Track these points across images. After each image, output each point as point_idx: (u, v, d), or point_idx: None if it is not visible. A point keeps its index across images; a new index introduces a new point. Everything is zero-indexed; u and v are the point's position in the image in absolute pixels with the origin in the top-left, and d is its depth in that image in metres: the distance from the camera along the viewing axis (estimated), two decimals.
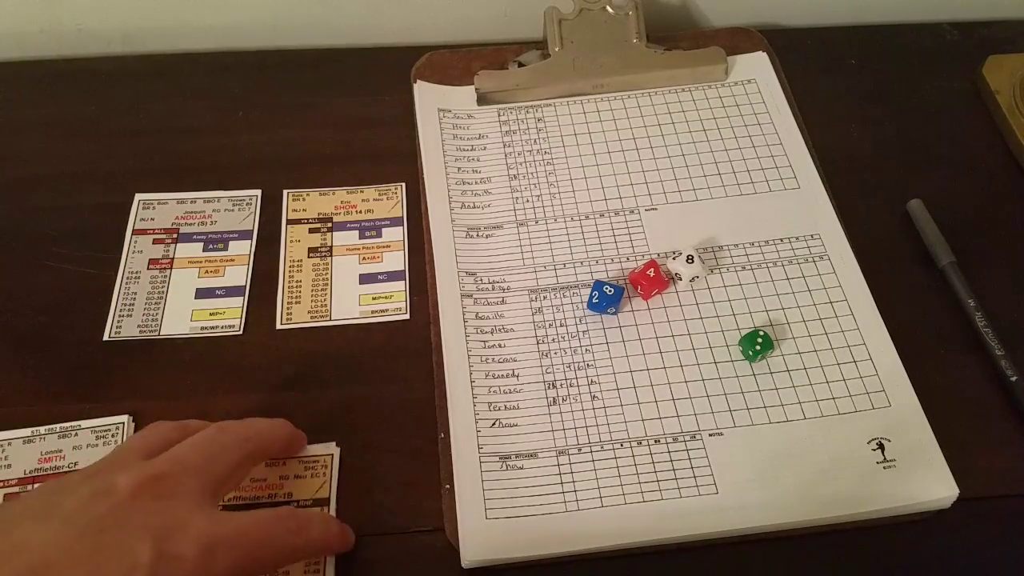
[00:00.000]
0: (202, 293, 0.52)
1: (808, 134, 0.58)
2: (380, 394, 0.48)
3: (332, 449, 0.46)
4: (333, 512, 0.44)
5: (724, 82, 0.61)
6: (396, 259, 0.53)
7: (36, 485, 0.44)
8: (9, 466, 0.45)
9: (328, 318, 0.51)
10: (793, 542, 0.44)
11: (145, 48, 0.65)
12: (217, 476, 0.38)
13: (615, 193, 0.55)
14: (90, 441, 0.46)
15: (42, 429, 0.46)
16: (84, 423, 0.46)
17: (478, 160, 0.57)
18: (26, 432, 0.46)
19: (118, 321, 0.51)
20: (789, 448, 0.45)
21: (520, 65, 0.61)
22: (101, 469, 0.37)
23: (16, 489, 0.44)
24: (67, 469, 0.45)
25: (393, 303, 0.52)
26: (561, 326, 0.50)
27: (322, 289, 0.52)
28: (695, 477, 0.45)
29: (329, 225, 0.55)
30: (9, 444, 0.46)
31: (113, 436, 0.46)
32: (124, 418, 0.46)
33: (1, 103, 0.61)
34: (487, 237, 0.54)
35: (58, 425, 0.46)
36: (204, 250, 0.54)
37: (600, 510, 0.44)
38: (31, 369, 0.49)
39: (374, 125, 0.60)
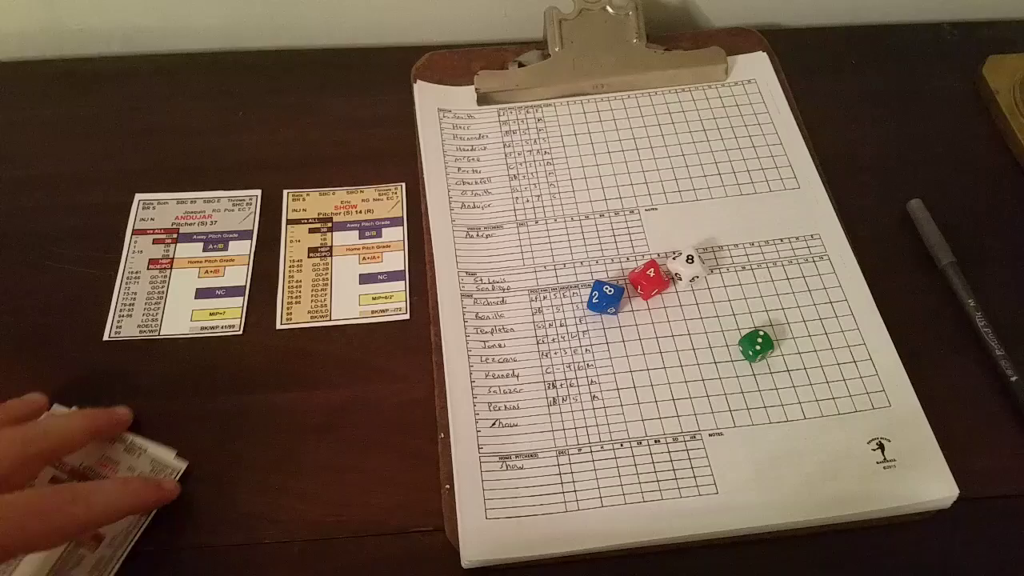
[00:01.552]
0: (202, 293, 0.52)
1: (808, 134, 0.58)
2: (380, 394, 0.48)
3: (180, 465, 0.46)
4: (147, 521, 0.44)
5: (724, 82, 0.61)
6: (396, 259, 0.53)
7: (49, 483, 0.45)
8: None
9: (328, 318, 0.51)
10: (793, 542, 0.44)
11: (145, 48, 0.65)
12: None
13: (615, 193, 0.55)
14: (144, 469, 0.45)
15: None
16: (150, 446, 0.46)
17: (478, 160, 0.57)
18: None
19: (118, 321, 0.51)
20: (789, 448, 0.45)
21: (520, 65, 0.61)
22: None
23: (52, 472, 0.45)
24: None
25: (393, 303, 0.52)
26: (561, 326, 0.50)
27: (322, 289, 0.52)
28: (695, 477, 0.45)
29: (329, 225, 0.55)
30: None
31: (170, 473, 0.45)
32: (182, 464, 0.46)
33: (1, 103, 0.61)
34: (487, 237, 0.54)
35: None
36: (204, 250, 0.54)
37: (600, 510, 0.44)
38: (31, 369, 0.49)
39: (374, 125, 0.60)
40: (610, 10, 0.62)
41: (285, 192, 0.56)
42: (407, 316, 0.51)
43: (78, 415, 0.45)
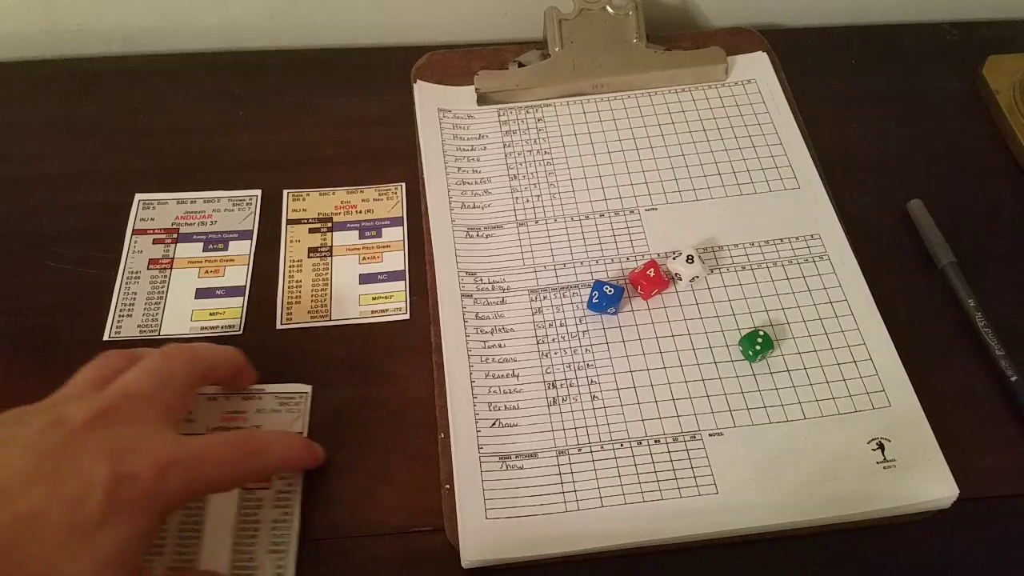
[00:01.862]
0: (202, 293, 0.52)
1: (808, 134, 0.58)
2: (380, 394, 0.48)
3: (305, 388, 0.47)
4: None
5: (724, 82, 0.61)
6: (396, 259, 0.53)
7: None
8: (192, 420, 0.46)
9: (328, 318, 0.51)
10: (793, 542, 0.44)
11: (145, 48, 0.65)
12: (168, 401, 0.40)
13: (615, 193, 0.55)
14: (273, 407, 0.46)
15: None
16: (268, 387, 0.47)
17: (478, 160, 0.57)
18: (210, 390, 0.47)
19: (118, 321, 0.51)
20: (789, 448, 0.45)
21: (520, 65, 0.61)
22: (55, 401, 0.39)
23: None
24: None
25: (393, 303, 0.52)
26: (561, 326, 0.50)
27: (322, 289, 0.52)
28: (695, 477, 0.45)
29: (329, 225, 0.55)
30: None
31: (297, 404, 0.47)
32: (307, 388, 0.47)
33: (1, 103, 0.61)
34: (487, 237, 0.54)
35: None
36: (204, 250, 0.54)
37: (600, 510, 0.44)
38: (31, 369, 0.49)
39: (374, 125, 0.60)
40: (610, 10, 0.62)
41: (285, 192, 0.56)
42: (407, 316, 0.51)
43: (231, 350, 0.45)
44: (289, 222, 0.55)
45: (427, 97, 0.60)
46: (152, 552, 0.42)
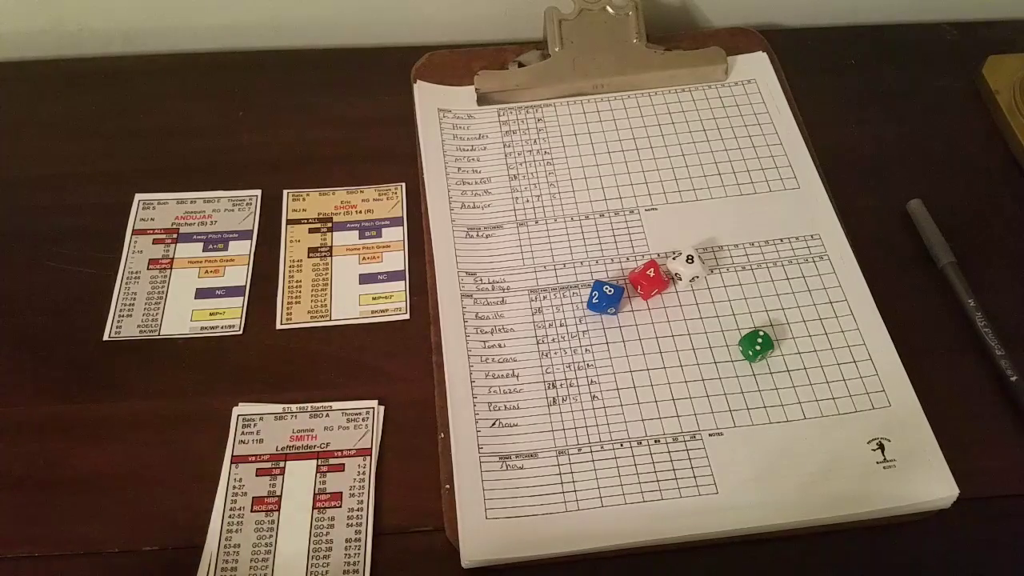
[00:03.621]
0: (202, 293, 0.52)
1: (808, 134, 0.58)
2: (380, 394, 0.48)
3: (372, 403, 0.47)
4: (374, 462, 0.45)
5: (724, 82, 0.61)
6: (396, 259, 0.53)
7: (287, 462, 0.45)
8: (262, 441, 0.46)
9: (328, 318, 0.51)
10: (793, 542, 0.44)
11: (145, 48, 0.65)
12: None
13: (615, 193, 0.55)
14: (341, 423, 0.47)
15: (294, 407, 0.47)
16: (335, 404, 0.47)
17: (478, 160, 0.57)
18: (277, 409, 0.47)
19: (118, 321, 0.51)
20: (789, 448, 0.45)
21: (520, 65, 0.61)
22: None
23: (268, 464, 0.45)
24: (318, 449, 0.46)
25: (393, 303, 0.52)
26: (561, 326, 0.50)
27: (322, 289, 0.52)
28: (695, 477, 0.45)
29: (329, 225, 0.55)
30: (261, 419, 0.47)
31: (364, 420, 0.47)
32: (373, 403, 0.47)
33: (1, 103, 0.61)
34: (487, 237, 0.54)
35: (309, 404, 0.47)
36: (204, 250, 0.54)
37: (600, 510, 0.44)
38: (31, 369, 0.49)
39: (374, 125, 0.60)
40: (610, 10, 0.62)
41: (285, 192, 0.56)
42: (407, 316, 0.51)
43: None
44: (289, 222, 0.55)
45: (427, 97, 0.60)
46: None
